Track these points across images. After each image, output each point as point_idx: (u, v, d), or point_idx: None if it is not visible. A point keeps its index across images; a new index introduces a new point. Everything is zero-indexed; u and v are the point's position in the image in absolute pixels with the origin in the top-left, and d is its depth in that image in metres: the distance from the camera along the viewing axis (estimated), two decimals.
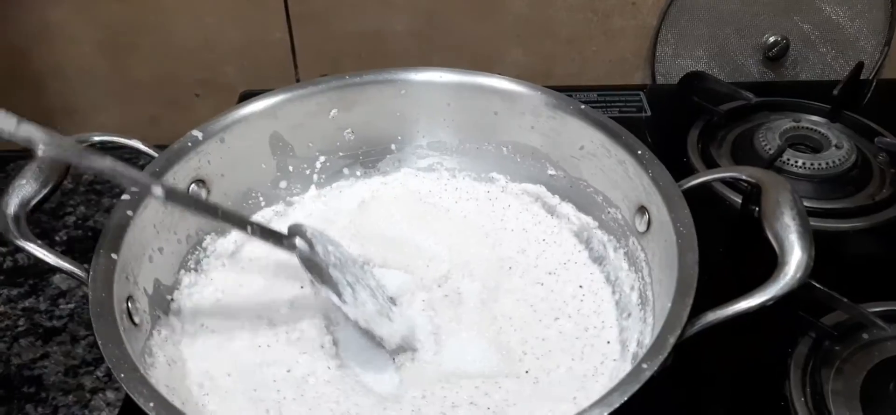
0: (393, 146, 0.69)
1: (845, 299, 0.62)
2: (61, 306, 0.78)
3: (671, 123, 0.90)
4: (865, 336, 0.63)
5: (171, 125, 0.98)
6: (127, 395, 0.64)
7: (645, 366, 0.42)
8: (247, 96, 0.65)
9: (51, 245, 0.84)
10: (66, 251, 0.82)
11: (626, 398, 0.41)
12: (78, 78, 1.00)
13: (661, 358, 0.43)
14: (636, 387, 0.41)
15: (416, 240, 0.66)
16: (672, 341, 0.44)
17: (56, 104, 1.00)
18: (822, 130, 0.84)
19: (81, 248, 0.83)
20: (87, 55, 0.98)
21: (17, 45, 0.97)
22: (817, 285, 0.63)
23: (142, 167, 0.59)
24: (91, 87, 1.00)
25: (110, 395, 0.69)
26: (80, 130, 0.59)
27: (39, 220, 0.87)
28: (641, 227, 0.57)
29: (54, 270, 0.80)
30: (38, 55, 0.98)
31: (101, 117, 1.02)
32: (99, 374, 0.71)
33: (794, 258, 0.45)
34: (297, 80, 0.97)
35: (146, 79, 1.00)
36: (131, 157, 0.60)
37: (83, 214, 0.89)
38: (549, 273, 0.63)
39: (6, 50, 0.97)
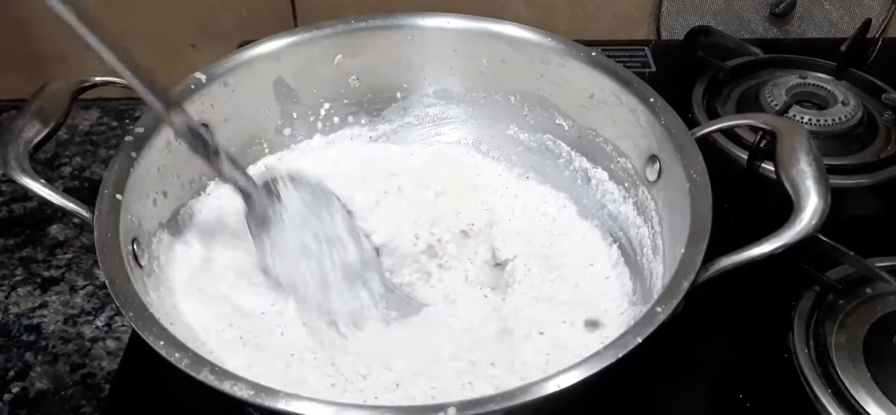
0: (398, 94, 0.68)
1: (852, 253, 0.62)
2: (58, 256, 0.77)
3: (676, 78, 0.89)
4: (868, 291, 0.64)
5: (167, 76, 0.96)
6: (130, 340, 0.65)
7: (659, 309, 0.42)
8: (245, 45, 0.64)
9: None
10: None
11: (640, 340, 0.41)
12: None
13: (675, 302, 0.43)
14: (651, 329, 0.41)
15: (417, 190, 0.65)
16: (686, 285, 0.44)
17: (47, 50, 0.98)
18: (829, 87, 0.83)
19: (79, 198, 0.82)
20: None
21: None
22: (824, 239, 0.63)
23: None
24: None
25: (110, 343, 0.68)
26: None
27: (35, 170, 0.86)
28: (652, 176, 0.57)
29: (51, 219, 0.80)
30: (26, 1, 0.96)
31: (93, 65, 1.00)
32: (98, 323, 0.70)
33: (811, 204, 0.45)
34: None
35: (141, 28, 0.98)
36: (134, 99, 0.59)
37: (79, 165, 0.88)
38: (555, 222, 0.63)
39: None
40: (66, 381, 0.65)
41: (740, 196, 0.74)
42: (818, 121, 0.79)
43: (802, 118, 0.79)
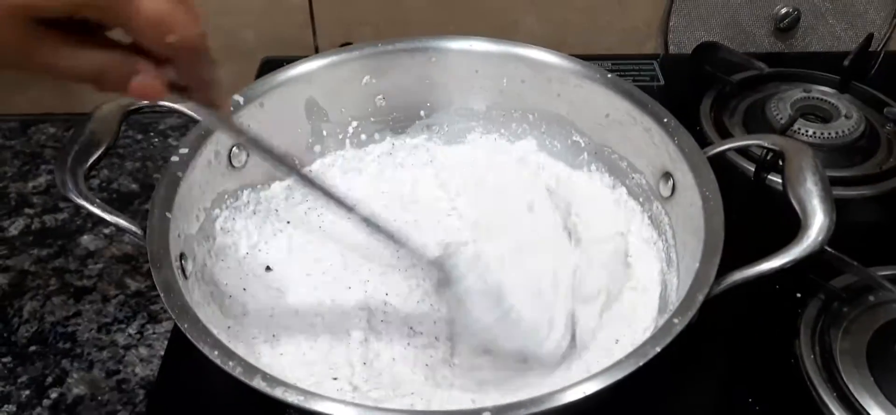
0: (422, 112, 0.71)
1: (855, 263, 0.65)
2: (90, 267, 0.79)
3: (684, 92, 0.91)
4: (872, 298, 0.66)
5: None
6: (167, 350, 0.68)
7: (676, 320, 0.45)
8: (268, 62, 0.67)
9: (77, 208, 0.86)
10: (91, 214, 0.84)
11: (659, 350, 0.44)
12: None
13: (691, 314, 0.46)
14: (669, 339, 0.44)
15: (441, 202, 0.68)
16: (700, 298, 0.46)
17: None
18: (832, 101, 0.86)
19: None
20: None
21: None
22: (829, 249, 0.65)
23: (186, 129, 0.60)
24: None
25: (143, 351, 0.71)
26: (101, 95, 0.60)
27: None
28: (666, 192, 0.60)
29: (82, 230, 0.83)
30: None
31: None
32: (131, 331, 0.73)
33: (817, 222, 0.48)
34: (316, 47, 0.99)
35: None
36: (158, 113, 0.61)
37: (107, 177, 0.90)
38: (573, 235, 0.65)
39: None
40: (101, 386, 0.68)
41: (747, 207, 0.76)
42: (822, 134, 0.81)
43: (807, 131, 0.81)
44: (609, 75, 0.63)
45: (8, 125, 0.97)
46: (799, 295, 0.68)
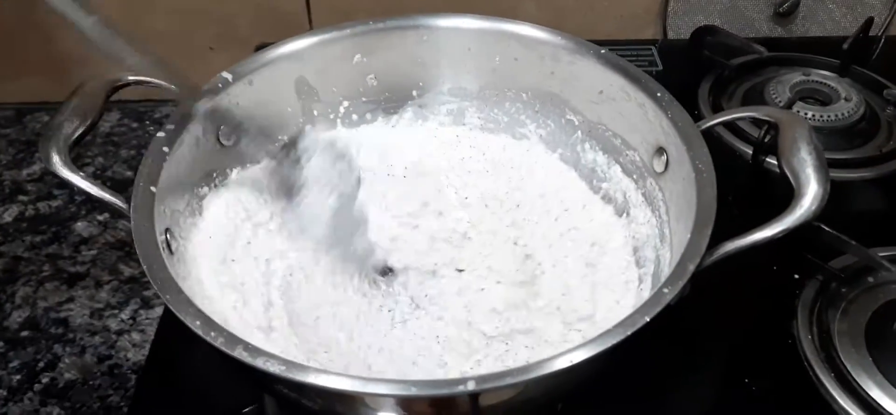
0: (414, 92, 0.71)
1: (853, 242, 0.64)
2: (83, 253, 0.79)
3: (683, 76, 0.91)
4: (870, 279, 0.66)
5: (187, 71, 0.99)
6: (157, 332, 0.67)
7: (666, 290, 0.44)
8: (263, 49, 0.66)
9: (71, 195, 0.86)
10: (85, 201, 0.84)
11: (648, 319, 0.43)
12: None
13: (682, 283, 0.45)
14: (658, 309, 0.43)
15: (434, 180, 0.68)
16: (692, 268, 0.46)
17: (71, 52, 1.01)
18: (832, 84, 0.85)
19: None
20: (100, 5, 0.98)
21: None
22: (827, 229, 0.65)
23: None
24: None
25: (135, 336, 0.71)
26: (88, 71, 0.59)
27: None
28: (659, 167, 0.59)
29: (76, 217, 0.83)
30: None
31: (115, 68, 1.03)
32: (123, 316, 0.73)
33: (811, 190, 0.47)
34: None
35: (161, 32, 1.00)
36: (153, 101, 0.61)
37: (102, 164, 0.90)
38: (566, 211, 0.65)
39: None
40: (93, 371, 0.67)
41: (745, 190, 0.76)
42: (821, 116, 0.81)
43: (806, 114, 0.81)
44: (602, 51, 0.63)
45: (3, 113, 0.98)
46: (797, 276, 0.67)
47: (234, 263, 0.60)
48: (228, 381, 0.58)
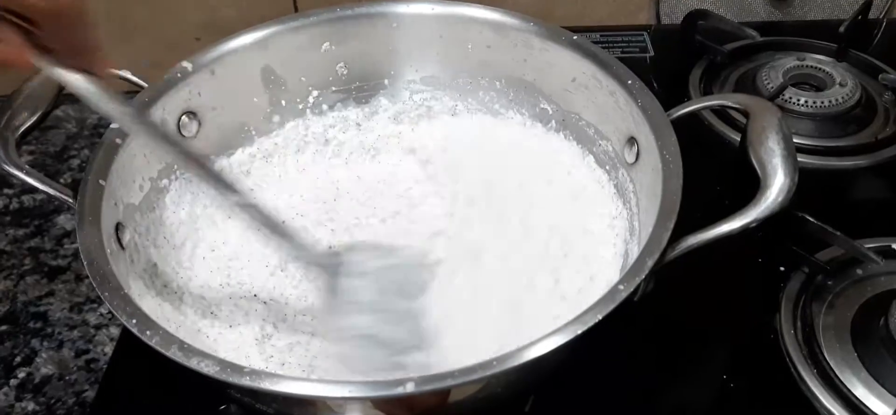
0: (386, 81, 0.69)
1: (839, 233, 0.62)
2: (66, 246, 0.79)
3: (675, 63, 0.89)
4: (859, 272, 0.63)
5: (170, 67, 0.98)
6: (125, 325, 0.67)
7: (621, 287, 0.42)
8: None
9: None
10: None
11: (600, 317, 0.41)
12: None
13: (638, 280, 0.43)
14: (611, 307, 0.41)
15: (409, 169, 0.66)
16: (650, 263, 0.44)
17: None
18: (827, 69, 0.82)
19: None
20: None
21: None
22: (811, 219, 0.63)
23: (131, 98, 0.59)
24: None
25: (114, 331, 0.70)
26: None
27: (44, 163, 0.88)
28: (630, 158, 0.57)
29: (59, 210, 0.83)
30: None
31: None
32: (103, 311, 0.72)
33: (777, 182, 0.45)
34: None
35: (146, 23, 1.00)
36: (121, 88, 0.60)
37: (87, 157, 0.90)
38: (539, 203, 0.63)
39: None
40: (70, 366, 0.67)
41: (733, 180, 0.73)
42: (814, 103, 0.78)
43: (798, 100, 0.78)
44: (574, 37, 0.61)
45: None
46: (782, 268, 0.65)
47: (201, 259, 0.59)
48: (194, 381, 0.57)
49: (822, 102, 0.78)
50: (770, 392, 0.58)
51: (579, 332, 0.40)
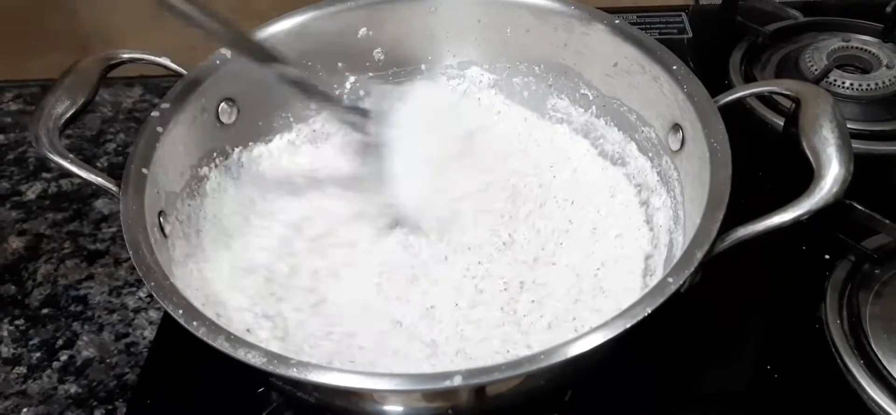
0: (423, 67, 0.69)
1: (888, 221, 0.60)
2: (104, 230, 0.80)
3: (714, 44, 0.87)
4: None
5: (208, 52, 0.98)
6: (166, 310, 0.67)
7: (671, 280, 0.42)
8: None
9: None
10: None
11: (650, 311, 0.40)
12: (110, 4, 1.00)
13: (688, 272, 0.42)
14: (661, 300, 0.41)
15: (445, 154, 0.65)
16: (700, 255, 0.43)
17: (91, 30, 1.01)
18: (873, 50, 0.80)
19: (122, 174, 0.85)
20: None
21: None
22: (858, 207, 0.61)
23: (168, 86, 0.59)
24: (125, 14, 1.00)
25: (152, 314, 0.71)
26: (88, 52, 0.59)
27: (81, 147, 0.89)
28: (675, 145, 0.56)
29: (96, 195, 0.83)
30: None
31: (136, 44, 1.03)
32: (141, 294, 0.73)
33: (831, 172, 0.44)
34: None
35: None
36: (175, 77, 0.61)
37: (123, 141, 0.90)
38: (579, 191, 0.62)
39: None
40: (110, 349, 0.68)
41: (776, 164, 0.72)
42: (859, 85, 0.76)
43: (843, 83, 0.76)
44: (617, 21, 0.60)
45: (28, 90, 0.98)
46: (828, 257, 0.64)
47: (243, 246, 0.59)
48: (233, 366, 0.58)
49: (868, 85, 0.76)
50: (815, 383, 0.57)
51: (628, 326, 0.40)
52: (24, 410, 0.63)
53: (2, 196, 0.83)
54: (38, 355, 0.68)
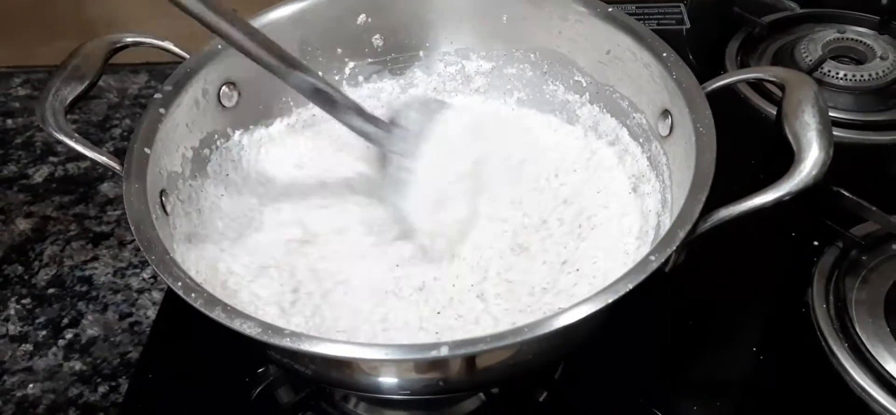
0: (421, 53, 0.70)
1: (874, 208, 0.61)
2: (109, 213, 0.81)
3: (711, 35, 0.88)
4: (894, 247, 0.63)
5: (211, 38, 0.99)
6: (169, 288, 0.69)
7: (653, 258, 0.43)
8: None
9: None
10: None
11: (631, 287, 0.42)
12: None
13: (670, 251, 0.43)
14: (642, 277, 0.42)
15: (439, 139, 0.67)
16: (682, 235, 0.44)
17: (96, 15, 1.03)
18: (868, 42, 0.81)
19: None
20: None
21: None
22: (846, 194, 0.62)
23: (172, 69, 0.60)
24: (131, 2, 1.02)
25: (156, 295, 0.72)
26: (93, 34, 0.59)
27: (87, 132, 0.91)
28: (664, 131, 0.57)
29: (102, 178, 0.85)
30: None
31: (141, 30, 1.04)
32: (145, 275, 0.74)
33: (811, 155, 0.45)
34: None
35: None
36: (164, 61, 0.62)
37: (129, 127, 0.92)
38: (571, 173, 0.63)
39: None
40: (114, 328, 0.70)
41: (770, 153, 0.73)
42: (853, 76, 0.77)
43: (838, 73, 0.77)
44: (610, 9, 0.61)
45: (36, 76, 1.00)
46: (816, 243, 0.65)
47: (244, 228, 0.60)
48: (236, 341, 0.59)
49: (862, 76, 0.77)
50: (801, 366, 0.59)
51: (610, 301, 0.41)
52: (31, 386, 0.65)
53: (10, 179, 0.85)
54: (43, 333, 0.70)
